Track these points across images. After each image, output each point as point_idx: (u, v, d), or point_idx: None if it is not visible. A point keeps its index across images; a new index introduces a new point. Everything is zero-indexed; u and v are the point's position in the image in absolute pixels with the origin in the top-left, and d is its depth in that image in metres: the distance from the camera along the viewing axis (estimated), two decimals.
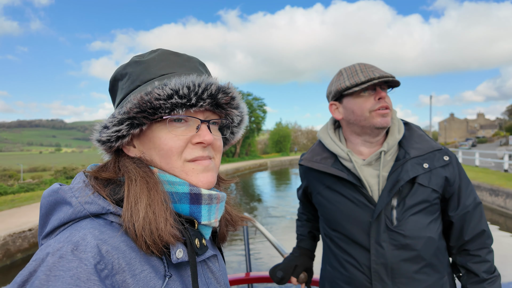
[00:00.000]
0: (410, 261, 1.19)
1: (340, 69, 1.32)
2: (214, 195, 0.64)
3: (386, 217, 1.20)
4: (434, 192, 1.21)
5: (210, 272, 0.67)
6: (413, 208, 1.20)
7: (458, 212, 1.25)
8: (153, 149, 0.63)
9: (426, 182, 1.20)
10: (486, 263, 1.23)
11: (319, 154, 1.35)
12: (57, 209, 0.56)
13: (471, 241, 1.25)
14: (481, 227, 1.25)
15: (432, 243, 1.21)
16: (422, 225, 1.20)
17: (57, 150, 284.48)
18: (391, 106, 1.25)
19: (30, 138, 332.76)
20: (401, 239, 1.19)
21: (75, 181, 0.60)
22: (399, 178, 1.19)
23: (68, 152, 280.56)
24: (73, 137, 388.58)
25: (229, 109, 0.68)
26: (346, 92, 1.24)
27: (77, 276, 0.45)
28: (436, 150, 1.25)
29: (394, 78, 1.20)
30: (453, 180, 1.24)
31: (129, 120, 0.60)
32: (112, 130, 0.61)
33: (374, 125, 1.22)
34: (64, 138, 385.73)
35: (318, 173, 1.35)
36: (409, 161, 1.22)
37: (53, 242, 0.50)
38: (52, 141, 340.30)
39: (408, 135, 1.30)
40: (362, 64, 1.25)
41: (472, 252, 1.25)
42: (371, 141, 1.28)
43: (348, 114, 1.27)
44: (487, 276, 1.21)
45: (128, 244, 0.53)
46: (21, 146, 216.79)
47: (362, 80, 1.19)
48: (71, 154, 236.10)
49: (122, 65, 0.69)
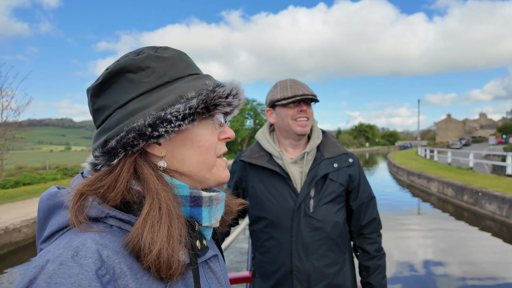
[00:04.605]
0: (321, 241, 1.45)
1: (277, 82, 1.56)
2: (214, 196, 0.63)
3: (305, 205, 1.45)
4: (341, 186, 1.51)
5: (212, 272, 0.67)
6: (326, 198, 1.47)
7: (357, 202, 1.56)
8: (189, 146, 0.61)
9: (335, 177, 1.50)
10: (376, 244, 1.56)
11: (257, 152, 1.56)
12: (55, 213, 0.55)
13: (366, 226, 1.57)
14: (373, 215, 1.58)
15: (338, 226, 1.49)
16: (331, 212, 1.47)
17: (67, 148, 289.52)
18: (311, 117, 1.50)
19: (40, 137, 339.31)
20: (315, 223, 1.44)
21: (73, 184, 0.58)
22: (316, 174, 1.47)
23: (78, 151, 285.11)
24: (82, 136, 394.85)
25: (236, 110, 0.68)
26: (277, 103, 1.48)
27: (78, 282, 0.44)
28: (343, 153, 1.54)
29: (315, 96, 1.47)
30: (355, 177, 1.55)
31: (192, 116, 0.58)
32: (176, 124, 0.57)
33: (295, 132, 1.47)
34: (73, 136, 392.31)
35: (255, 169, 1.55)
36: (324, 161, 1.50)
37: (52, 248, 0.49)
38: (62, 139, 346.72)
39: (324, 141, 1.58)
40: (293, 81, 1.51)
41: (367, 235, 1.57)
42: (295, 144, 1.53)
43: (278, 120, 1.52)
44: (376, 254, 1.55)
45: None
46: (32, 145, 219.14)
47: (289, 96, 1.44)
48: (81, 152, 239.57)
49: (133, 58, 0.61)
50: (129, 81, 0.60)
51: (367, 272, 1.54)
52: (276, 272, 1.47)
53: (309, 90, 1.48)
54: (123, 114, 0.58)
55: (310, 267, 1.43)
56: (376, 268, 1.53)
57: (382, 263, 1.55)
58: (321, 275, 1.44)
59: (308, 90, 1.48)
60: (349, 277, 1.52)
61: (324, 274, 1.44)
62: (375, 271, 1.53)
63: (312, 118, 1.52)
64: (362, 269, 1.57)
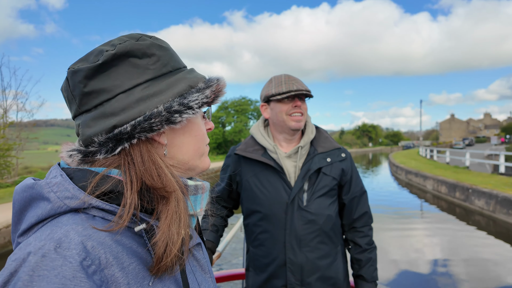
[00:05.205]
0: (314, 233, 1.47)
1: (271, 77, 1.57)
2: (199, 185, 0.64)
3: (299, 198, 1.47)
4: (334, 180, 1.52)
5: (195, 260, 0.68)
6: (319, 191, 1.49)
7: (349, 196, 1.57)
8: (187, 134, 0.63)
9: (328, 171, 1.52)
10: (367, 237, 1.58)
11: (252, 146, 1.57)
12: (33, 205, 0.53)
13: (357, 219, 1.58)
14: (365, 209, 1.59)
15: (331, 219, 1.50)
16: (324, 205, 1.49)
17: None
18: (305, 112, 1.51)
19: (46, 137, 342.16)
20: (309, 216, 1.46)
21: (50, 175, 0.56)
22: (309, 168, 1.49)
23: None
24: None
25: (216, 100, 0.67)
26: (272, 98, 1.50)
27: (62, 274, 0.43)
28: (336, 148, 1.56)
29: (309, 92, 1.48)
30: (347, 172, 1.57)
31: (204, 106, 0.62)
32: (195, 111, 0.60)
33: (290, 127, 1.49)
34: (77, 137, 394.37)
35: (250, 163, 1.57)
36: (317, 155, 1.52)
37: (33, 240, 0.47)
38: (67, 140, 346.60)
39: (317, 136, 1.59)
40: (287, 76, 1.52)
41: (359, 229, 1.58)
42: (289, 139, 1.55)
43: (273, 115, 1.53)
44: (368, 247, 1.56)
45: (113, 238, 0.51)
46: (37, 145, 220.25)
47: (284, 91, 1.46)
48: None
49: (136, 43, 0.60)
50: (133, 65, 0.59)
51: (359, 265, 1.56)
52: (270, 264, 1.50)
53: (304, 86, 1.50)
54: (132, 99, 0.57)
55: (303, 259, 1.46)
56: (367, 261, 1.55)
57: (373, 256, 1.57)
58: (314, 267, 1.46)
59: (303, 86, 1.50)
60: (341, 269, 1.55)
61: (317, 266, 1.47)
62: (366, 264, 1.55)
63: (306, 113, 1.54)
64: (354, 262, 1.59)
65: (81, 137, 0.58)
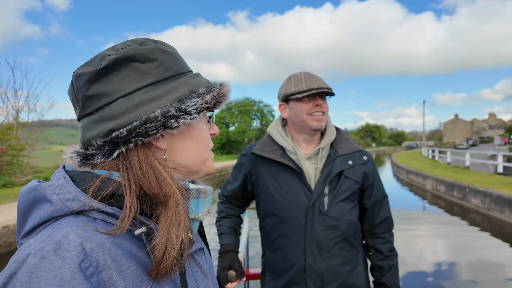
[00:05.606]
0: (335, 239, 1.41)
1: (290, 75, 1.51)
2: (201, 189, 0.64)
3: (320, 202, 1.41)
4: (356, 184, 1.47)
5: (197, 265, 0.67)
6: (341, 195, 1.43)
7: (371, 201, 1.52)
8: (189, 139, 0.63)
9: (350, 175, 1.45)
10: (389, 243, 1.53)
11: (269, 146, 1.51)
12: (37, 207, 0.54)
13: (379, 225, 1.52)
14: (386, 214, 1.54)
15: (352, 225, 1.45)
16: (346, 210, 1.44)
17: None
18: (326, 111, 1.46)
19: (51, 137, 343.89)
20: (330, 221, 1.41)
21: (54, 177, 0.57)
22: (331, 170, 1.43)
23: None
24: None
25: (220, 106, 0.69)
26: (291, 97, 1.44)
27: (60, 276, 0.43)
28: (357, 151, 1.50)
29: (330, 89, 1.42)
30: (370, 175, 1.51)
31: (204, 110, 0.61)
32: (193, 117, 0.59)
33: (311, 127, 1.43)
34: None
35: (267, 163, 1.50)
36: (338, 158, 1.46)
37: (33, 241, 0.48)
38: (72, 140, 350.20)
39: (338, 138, 1.53)
40: (307, 74, 1.46)
41: (380, 235, 1.53)
42: (309, 139, 1.49)
43: (292, 115, 1.47)
44: (389, 254, 1.51)
45: (113, 240, 0.51)
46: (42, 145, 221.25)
47: (304, 89, 1.40)
48: None
49: (139, 47, 0.61)
50: (134, 70, 0.60)
51: (381, 272, 1.52)
52: (288, 270, 1.45)
53: (325, 83, 1.45)
54: (131, 103, 0.57)
55: (324, 266, 1.41)
56: (390, 268, 1.51)
57: (395, 263, 1.53)
58: (335, 274, 1.42)
59: (324, 83, 1.44)
60: (363, 276, 1.50)
61: (338, 273, 1.42)
62: (389, 271, 1.51)
63: (327, 112, 1.48)
64: (375, 269, 1.54)
65: (82, 140, 0.59)
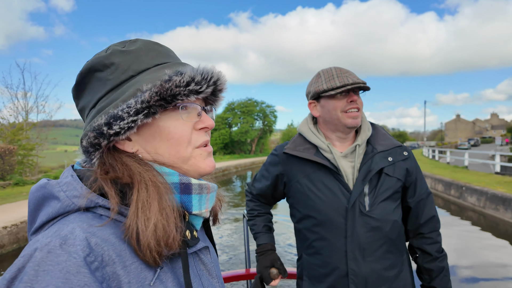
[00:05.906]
0: (379, 242, 1.32)
1: (319, 71, 1.44)
2: (204, 185, 0.63)
3: (360, 203, 1.33)
4: (399, 181, 1.38)
5: (202, 264, 0.67)
6: (382, 195, 1.34)
7: (415, 199, 1.43)
8: (158, 139, 0.61)
9: (391, 172, 1.37)
10: (437, 244, 1.43)
11: (302, 145, 1.44)
12: (45, 204, 0.55)
13: (424, 224, 1.43)
14: (432, 212, 1.45)
15: (397, 225, 1.36)
16: (389, 210, 1.35)
17: None
18: (361, 107, 1.39)
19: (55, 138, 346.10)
20: (373, 222, 1.32)
21: (63, 176, 0.58)
22: (370, 168, 1.34)
23: None
24: None
25: (219, 95, 0.69)
26: (323, 94, 1.37)
27: (66, 269, 0.44)
28: (397, 146, 1.42)
29: (365, 84, 1.34)
30: (412, 171, 1.42)
31: (147, 110, 0.57)
32: (129, 120, 0.56)
33: (346, 124, 1.36)
34: None
35: (299, 163, 1.43)
36: (377, 154, 1.37)
37: (41, 237, 0.49)
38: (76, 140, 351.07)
39: (374, 134, 1.45)
40: (338, 69, 1.38)
41: (426, 235, 1.43)
42: (344, 137, 1.42)
43: (324, 113, 1.40)
44: (438, 255, 1.41)
45: (118, 236, 0.53)
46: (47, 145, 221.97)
47: (338, 85, 1.32)
48: None
49: (100, 56, 0.61)
50: (97, 79, 0.61)
51: (430, 275, 1.43)
52: (329, 275, 1.37)
53: (358, 78, 1.38)
54: (94, 113, 0.59)
55: (368, 271, 1.32)
56: (440, 270, 1.42)
57: (445, 265, 1.44)
58: (380, 279, 1.33)
59: (357, 78, 1.37)
60: (409, 280, 1.41)
61: (384, 278, 1.33)
62: (439, 274, 1.41)
63: (362, 108, 1.41)
64: (424, 273, 1.45)
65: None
